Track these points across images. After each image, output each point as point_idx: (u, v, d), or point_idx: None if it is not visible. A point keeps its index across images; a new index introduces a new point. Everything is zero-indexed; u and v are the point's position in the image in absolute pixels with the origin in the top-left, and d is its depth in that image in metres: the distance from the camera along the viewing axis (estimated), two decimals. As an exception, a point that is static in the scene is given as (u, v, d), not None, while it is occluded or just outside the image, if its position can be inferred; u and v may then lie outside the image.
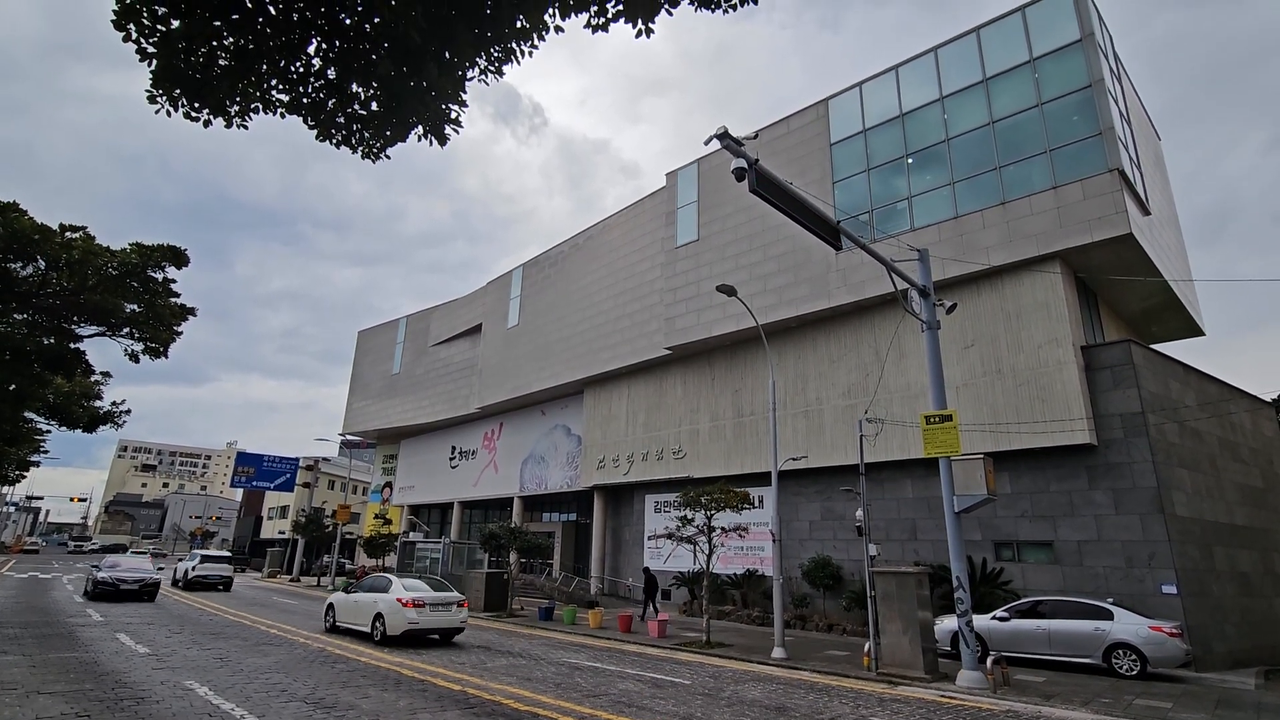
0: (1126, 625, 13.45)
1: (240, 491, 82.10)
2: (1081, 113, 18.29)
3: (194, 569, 29.32)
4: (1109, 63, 19.23)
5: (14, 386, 19.10)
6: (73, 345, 19.16)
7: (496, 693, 9.86)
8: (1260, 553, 19.17)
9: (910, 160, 21.62)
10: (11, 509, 78.80)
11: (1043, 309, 18.37)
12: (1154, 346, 21.12)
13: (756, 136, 12.91)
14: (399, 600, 14.74)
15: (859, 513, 15.27)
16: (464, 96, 5.61)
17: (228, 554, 37.81)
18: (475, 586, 25.29)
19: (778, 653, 14.56)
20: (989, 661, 11.68)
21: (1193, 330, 24.00)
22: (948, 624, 14.96)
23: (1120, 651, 13.34)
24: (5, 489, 49.15)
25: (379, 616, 15.01)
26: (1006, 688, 11.56)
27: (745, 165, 10.48)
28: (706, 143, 10.54)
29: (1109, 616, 13.71)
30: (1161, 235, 20.63)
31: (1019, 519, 18.27)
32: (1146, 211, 18.91)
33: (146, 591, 22.51)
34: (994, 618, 14.91)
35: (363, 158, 5.85)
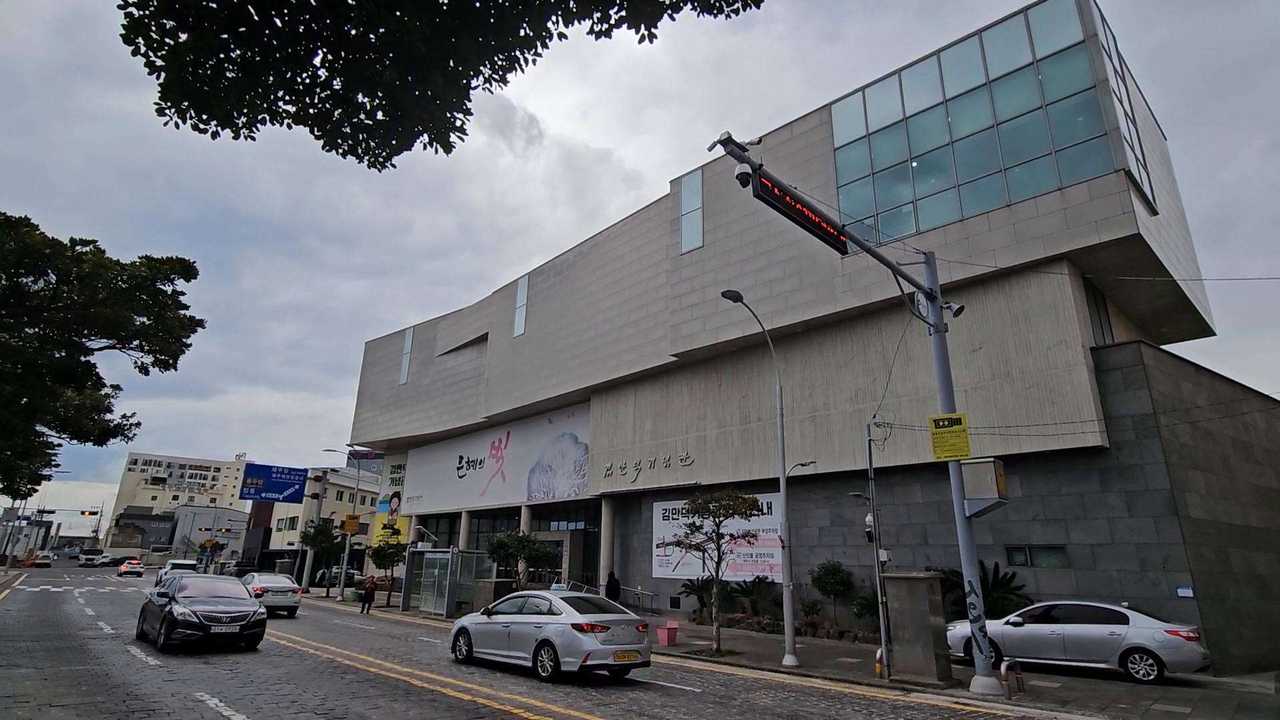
0: (1142, 629, 13.28)
1: (249, 503, 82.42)
2: (1086, 114, 18.23)
3: (165, 573, 37.42)
4: (1113, 63, 19.18)
5: (25, 400, 19.24)
6: (83, 358, 19.32)
7: (506, 702, 9.82)
8: (1278, 555, 18.91)
9: (914, 164, 21.60)
10: (23, 523, 79.23)
11: (1051, 311, 18.27)
12: (1164, 347, 20.95)
13: (760, 142, 12.93)
14: (253, 589, 21.49)
15: (869, 518, 15.17)
16: (468, 105, 5.64)
17: (193, 562, 50.96)
18: (483, 596, 25.22)
19: (789, 660, 14.45)
20: (1003, 667, 11.55)
21: (1203, 330, 23.81)
22: (960, 630, 14.82)
23: (1136, 656, 13.17)
24: (17, 503, 49.53)
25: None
26: (1021, 693, 11.42)
27: (749, 170, 10.49)
28: (710, 148, 10.57)
29: (1124, 621, 13.54)
30: (1169, 235, 20.51)
31: (1031, 523, 18.10)
32: (1154, 211, 18.81)
33: (249, 636, 14.21)
34: (1007, 623, 14.75)
35: (369, 167, 5.89)
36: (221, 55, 5.08)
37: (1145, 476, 16.42)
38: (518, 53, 5.52)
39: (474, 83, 5.59)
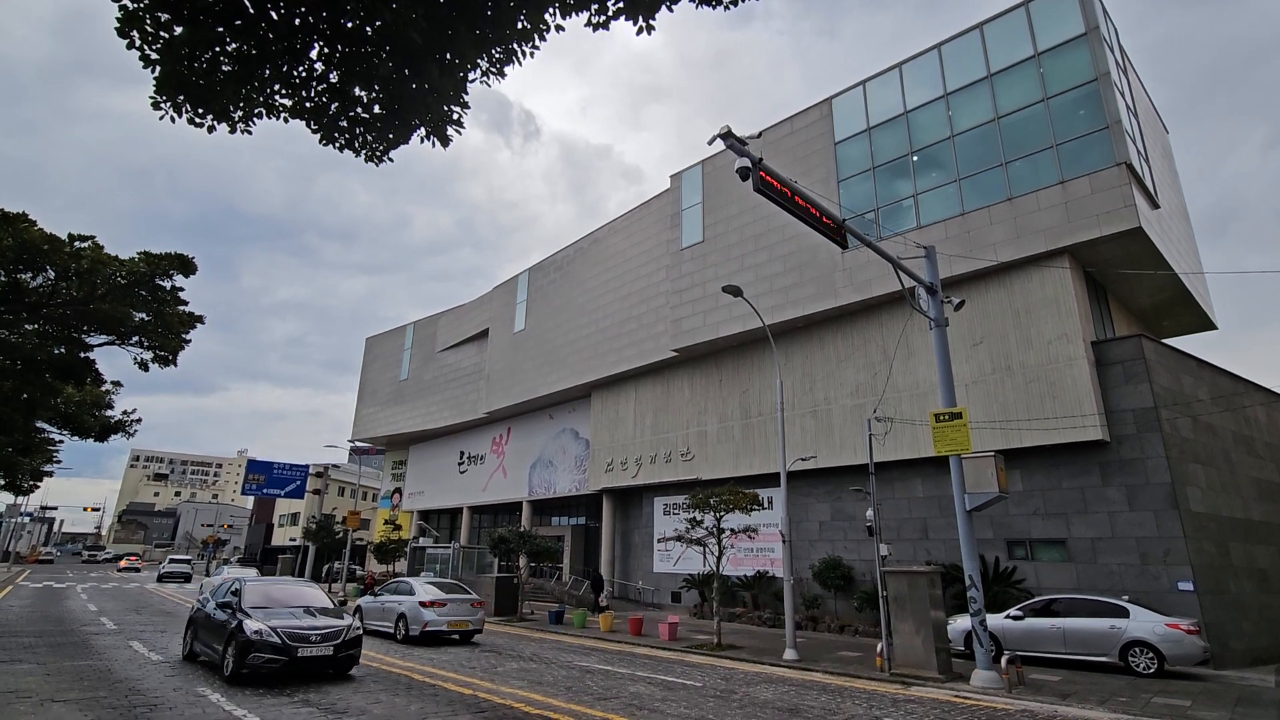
0: (1143, 623, 13.29)
1: (251, 499, 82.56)
2: (1088, 107, 18.15)
3: (164, 567, 44.09)
4: (1114, 56, 19.08)
5: (25, 396, 19.25)
6: (83, 354, 19.31)
7: (508, 696, 9.84)
8: (1278, 548, 18.91)
9: (915, 158, 21.52)
10: (26, 519, 79.43)
11: (1052, 305, 18.23)
12: (1166, 341, 20.92)
13: (760, 136, 12.89)
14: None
15: (869, 512, 15.17)
16: (465, 97, 5.61)
17: (188, 558, 54.48)
18: (485, 591, 25.27)
19: (789, 654, 14.47)
20: (1003, 661, 11.56)
21: (1205, 324, 23.76)
22: (961, 624, 14.83)
23: (1137, 649, 13.17)
24: (19, 499, 49.76)
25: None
26: (1021, 687, 11.44)
27: (749, 164, 10.44)
28: (710, 142, 10.51)
29: (1125, 614, 13.54)
30: (1171, 228, 20.45)
31: (1031, 517, 18.10)
32: (1155, 205, 18.74)
33: (344, 659, 10.80)
34: (1008, 617, 14.76)
35: (366, 160, 5.86)
36: (217, 49, 5.05)
37: (1146, 470, 16.41)
38: (515, 45, 5.48)
39: (471, 76, 5.56)
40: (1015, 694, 11.00)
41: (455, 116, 5.70)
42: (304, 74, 5.39)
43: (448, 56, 5.32)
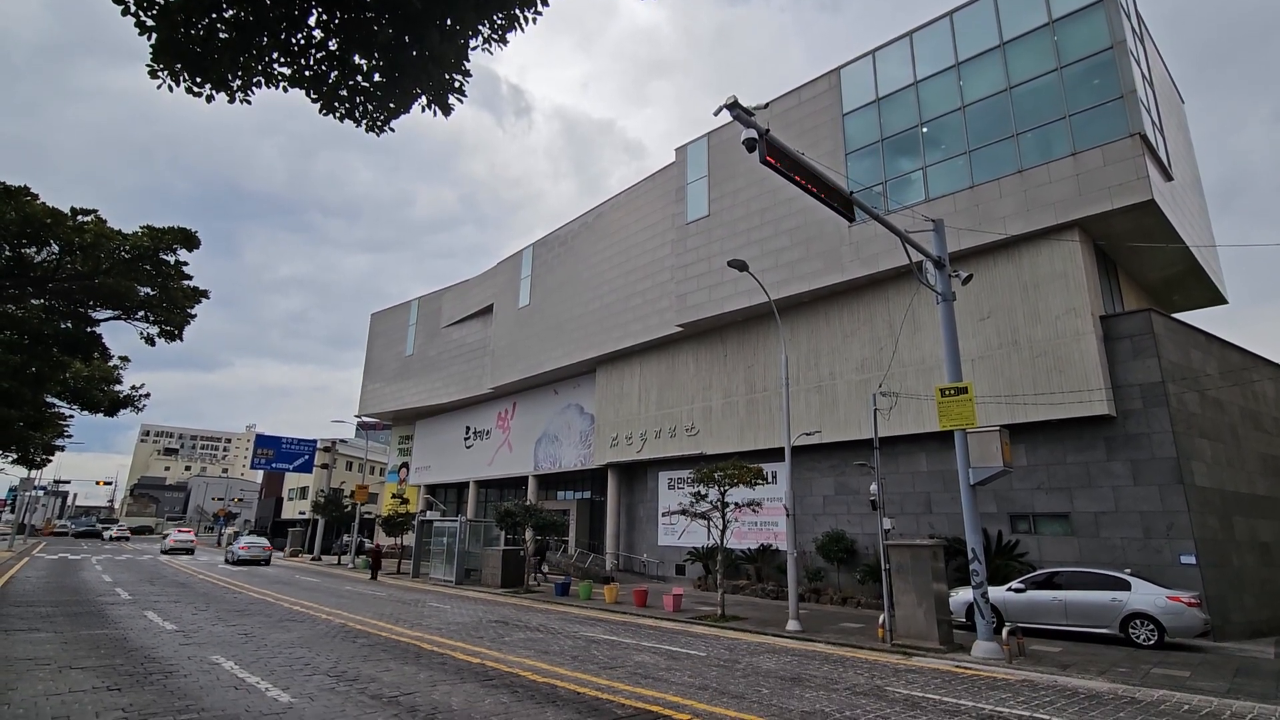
0: (1144, 595, 13.38)
1: (260, 473, 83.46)
2: (1102, 76, 17.75)
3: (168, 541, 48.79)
4: (1131, 23, 18.60)
5: (33, 370, 19.38)
6: (89, 329, 19.38)
7: (514, 665, 10.00)
8: (1282, 523, 18.94)
9: (925, 129, 21.16)
10: (40, 493, 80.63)
11: (1061, 279, 18.04)
12: (1175, 316, 20.72)
13: (767, 107, 12.65)
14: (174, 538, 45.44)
15: (873, 487, 15.22)
16: (467, 65, 5.51)
17: (189, 529, 58.63)
18: (492, 564, 25.62)
19: (792, 625, 14.65)
20: (1004, 632, 11.67)
21: (1215, 299, 23.51)
22: (963, 596, 14.96)
23: (1137, 621, 13.28)
24: (32, 473, 50.37)
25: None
26: (1022, 658, 11.57)
27: (756, 136, 10.27)
28: (716, 113, 10.34)
29: (1126, 587, 13.63)
30: (1184, 201, 20.12)
31: (1035, 491, 18.15)
32: (1169, 177, 18.42)
33: None
34: (1010, 589, 14.88)
35: (366, 130, 5.78)
36: (214, 15, 4.96)
37: (1151, 445, 16.38)
38: (517, 11, 5.37)
39: (473, 43, 5.45)
40: (1016, 665, 11.13)
41: (457, 85, 5.60)
42: (303, 41, 5.29)
43: (448, 22, 5.21)
